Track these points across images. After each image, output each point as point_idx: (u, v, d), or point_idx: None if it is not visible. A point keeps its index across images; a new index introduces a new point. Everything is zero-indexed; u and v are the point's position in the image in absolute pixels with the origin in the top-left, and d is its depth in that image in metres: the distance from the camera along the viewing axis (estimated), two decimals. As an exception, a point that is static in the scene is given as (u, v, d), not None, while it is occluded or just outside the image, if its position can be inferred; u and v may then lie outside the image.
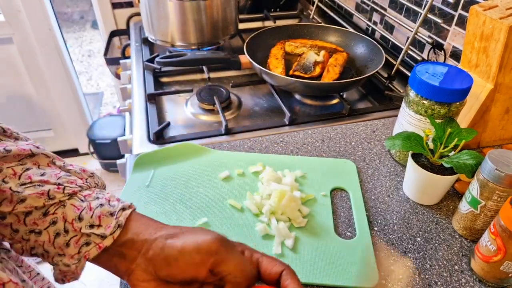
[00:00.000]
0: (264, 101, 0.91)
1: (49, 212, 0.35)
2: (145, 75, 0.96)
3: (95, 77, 3.09)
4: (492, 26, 0.59)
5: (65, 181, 0.37)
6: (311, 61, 0.89)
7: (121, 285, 0.48)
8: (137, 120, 0.80)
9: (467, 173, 0.51)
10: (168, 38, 1.02)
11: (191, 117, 0.85)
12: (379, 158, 0.69)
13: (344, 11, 1.26)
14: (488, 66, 0.62)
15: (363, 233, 0.54)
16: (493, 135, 0.70)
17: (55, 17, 1.77)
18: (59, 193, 0.35)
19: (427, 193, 0.58)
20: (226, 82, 0.99)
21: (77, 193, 0.37)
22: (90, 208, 0.36)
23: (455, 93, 0.57)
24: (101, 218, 0.35)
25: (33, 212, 0.34)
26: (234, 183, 0.61)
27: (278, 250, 0.51)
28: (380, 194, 0.61)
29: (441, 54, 0.86)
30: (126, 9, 1.65)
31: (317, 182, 0.62)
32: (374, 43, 0.93)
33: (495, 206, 0.49)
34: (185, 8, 0.95)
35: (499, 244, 0.45)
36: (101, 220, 0.35)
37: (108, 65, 1.58)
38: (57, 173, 0.37)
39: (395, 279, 0.49)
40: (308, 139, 0.72)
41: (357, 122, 0.78)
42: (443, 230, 0.56)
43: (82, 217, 0.35)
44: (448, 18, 0.83)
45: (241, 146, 0.70)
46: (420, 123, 0.61)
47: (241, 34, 1.13)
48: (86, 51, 3.40)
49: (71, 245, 0.34)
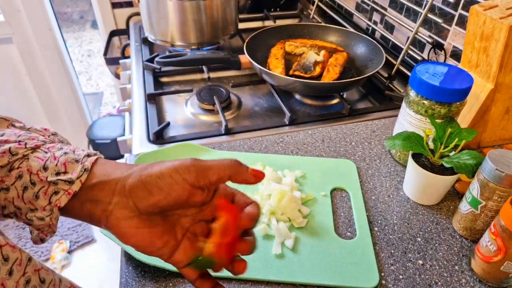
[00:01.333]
0: (264, 101, 0.91)
1: (13, 167, 0.34)
2: (145, 75, 0.96)
3: (95, 77, 3.09)
4: (492, 26, 0.59)
5: (26, 138, 0.36)
6: (311, 61, 0.89)
7: (121, 285, 0.48)
8: (137, 120, 0.80)
9: (467, 173, 0.51)
10: (168, 38, 1.01)
11: (191, 117, 0.85)
12: (379, 158, 0.69)
13: (344, 10, 1.26)
14: (489, 66, 0.62)
15: (363, 233, 0.54)
16: (493, 135, 0.70)
17: (55, 17, 1.77)
18: (22, 149, 0.35)
19: (427, 193, 0.58)
20: (226, 82, 0.99)
21: (40, 146, 0.36)
22: (54, 157, 0.35)
23: (455, 93, 0.57)
24: (67, 165, 0.34)
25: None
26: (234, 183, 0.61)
27: (278, 250, 0.51)
28: (380, 194, 0.61)
29: (441, 54, 0.86)
30: (126, 9, 1.65)
31: (317, 182, 0.62)
32: (374, 43, 0.92)
33: (496, 206, 0.49)
34: (185, 8, 0.95)
35: (499, 244, 0.45)
36: (66, 167, 0.34)
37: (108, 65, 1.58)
38: (16, 132, 0.37)
39: (395, 279, 0.49)
40: (308, 139, 0.72)
41: (357, 122, 0.78)
42: (443, 230, 0.56)
43: (47, 167, 0.34)
44: (448, 18, 0.83)
45: (241, 146, 0.70)
46: (420, 123, 0.61)
47: (241, 34, 1.13)
48: (86, 51, 3.40)
49: (40, 197, 0.34)
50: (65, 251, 1.64)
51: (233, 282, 0.48)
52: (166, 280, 0.48)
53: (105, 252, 1.68)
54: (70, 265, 1.63)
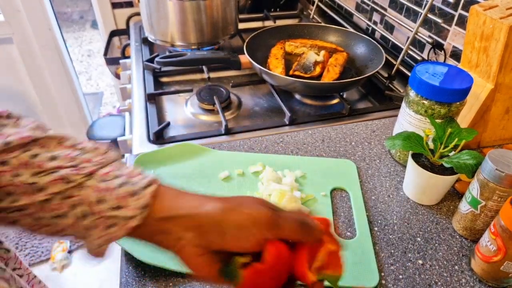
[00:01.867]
0: (264, 101, 0.91)
1: (69, 196, 0.32)
2: (145, 75, 0.96)
3: (95, 77, 3.09)
4: (492, 26, 0.59)
5: (79, 161, 0.34)
6: (311, 61, 0.89)
7: (121, 285, 0.48)
8: (137, 120, 0.80)
9: (467, 173, 0.51)
10: (168, 38, 1.01)
11: (191, 117, 0.85)
12: (379, 158, 0.69)
13: (344, 11, 1.26)
14: (488, 66, 0.62)
15: (363, 233, 0.54)
16: (493, 135, 0.70)
17: (55, 17, 1.77)
18: (77, 175, 0.33)
19: (427, 193, 0.58)
20: (226, 82, 0.99)
21: (95, 171, 0.34)
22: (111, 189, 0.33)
23: (455, 93, 0.57)
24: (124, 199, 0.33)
25: (53, 198, 0.32)
26: (234, 183, 0.61)
27: (278, 250, 0.51)
28: (380, 194, 0.61)
29: (441, 54, 0.86)
30: (126, 9, 1.65)
31: (317, 182, 0.62)
32: (374, 43, 0.93)
33: (495, 206, 0.49)
34: (185, 8, 0.95)
35: (499, 244, 0.45)
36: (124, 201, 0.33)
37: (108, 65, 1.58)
38: (68, 153, 0.34)
39: (395, 279, 0.49)
40: (308, 139, 0.72)
41: (357, 122, 0.78)
42: (443, 230, 0.56)
43: (104, 200, 0.33)
44: (448, 18, 0.83)
45: (241, 146, 0.70)
46: (420, 123, 0.61)
47: (241, 34, 1.13)
48: (86, 51, 3.40)
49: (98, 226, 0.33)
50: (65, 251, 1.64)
51: (233, 282, 0.48)
52: (166, 280, 0.48)
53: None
54: (70, 265, 1.63)
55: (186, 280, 0.48)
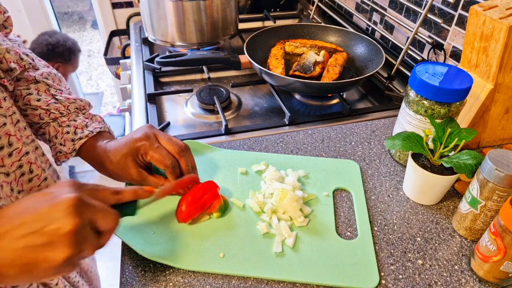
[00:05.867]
0: (264, 101, 0.91)
1: (40, 127, 0.56)
2: (145, 75, 0.96)
3: (95, 77, 3.09)
4: (492, 26, 0.59)
5: (52, 107, 0.55)
6: (311, 61, 0.89)
7: (121, 285, 0.48)
8: (137, 120, 0.80)
9: (467, 173, 0.51)
10: (168, 38, 1.02)
11: (191, 117, 0.85)
12: (379, 158, 0.69)
13: (344, 11, 1.26)
14: (488, 66, 0.62)
15: (364, 233, 0.54)
16: (493, 135, 0.70)
17: (55, 17, 1.78)
18: (47, 116, 0.55)
19: (427, 193, 0.58)
20: (226, 82, 0.99)
21: (58, 118, 0.56)
22: (62, 132, 0.55)
23: (455, 93, 0.57)
24: (66, 141, 0.55)
25: (33, 124, 0.55)
26: (237, 181, 0.62)
27: (278, 249, 0.51)
28: (380, 194, 0.61)
29: (441, 54, 0.86)
30: (126, 9, 1.65)
31: (320, 182, 0.62)
32: (374, 43, 0.93)
33: (495, 206, 0.49)
34: (185, 8, 0.95)
35: (499, 244, 0.45)
36: (65, 142, 0.55)
37: (108, 65, 1.58)
38: (48, 100, 0.55)
39: (395, 279, 0.49)
40: (308, 139, 0.72)
41: (357, 122, 0.78)
42: (443, 230, 0.56)
43: (57, 137, 0.55)
44: (448, 18, 0.83)
45: (241, 146, 0.70)
46: (420, 123, 0.61)
47: (241, 34, 1.13)
48: (86, 51, 3.40)
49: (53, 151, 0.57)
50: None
51: (234, 279, 0.48)
52: (166, 280, 0.48)
53: (105, 252, 1.69)
54: (70, 265, 1.63)
55: (186, 281, 0.48)
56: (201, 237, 0.52)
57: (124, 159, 0.52)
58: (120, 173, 0.53)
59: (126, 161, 0.52)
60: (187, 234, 0.52)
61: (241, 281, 0.48)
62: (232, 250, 0.51)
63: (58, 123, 0.55)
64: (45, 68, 0.58)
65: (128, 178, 0.54)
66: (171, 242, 0.51)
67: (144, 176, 0.53)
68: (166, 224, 0.54)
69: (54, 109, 0.55)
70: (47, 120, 0.55)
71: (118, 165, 0.52)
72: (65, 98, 0.57)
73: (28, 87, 0.54)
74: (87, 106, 0.60)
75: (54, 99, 0.55)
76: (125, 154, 0.52)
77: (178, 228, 0.53)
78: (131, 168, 0.52)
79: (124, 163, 0.52)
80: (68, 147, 0.55)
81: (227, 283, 0.48)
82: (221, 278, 0.48)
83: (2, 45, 0.47)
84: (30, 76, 0.54)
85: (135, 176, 0.53)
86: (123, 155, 0.52)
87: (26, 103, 0.54)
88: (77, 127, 0.56)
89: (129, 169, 0.52)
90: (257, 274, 0.48)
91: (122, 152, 0.52)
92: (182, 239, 0.52)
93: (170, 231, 0.53)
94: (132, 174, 0.53)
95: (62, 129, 0.55)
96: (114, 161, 0.52)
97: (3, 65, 0.47)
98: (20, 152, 0.47)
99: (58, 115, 0.55)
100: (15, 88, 0.53)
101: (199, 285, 0.47)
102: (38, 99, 0.54)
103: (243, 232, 0.53)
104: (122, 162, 0.52)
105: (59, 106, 0.55)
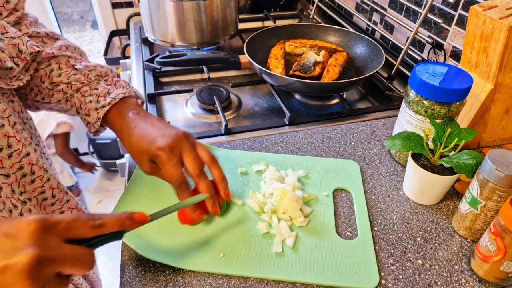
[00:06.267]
0: (264, 101, 0.91)
1: (67, 100, 0.56)
2: (145, 75, 0.96)
3: (95, 77, 3.09)
4: (492, 26, 0.59)
5: (72, 79, 0.55)
6: (311, 61, 0.89)
7: (121, 285, 0.48)
8: (137, 120, 0.80)
9: (467, 173, 0.51)
10: (168, 38, 1.02)
11: (191, 117, 0.85)
12: (379, 158, 0.69)
13: (344, 11, 1.26)
14: (488, 66, 0.62)
15: (364, 233, 0.54)
16: (493, 135, 0.70)
17: (55, 17, 1.78)
18: (69, 90, 0.56)
19: (427, 193, 0.58)
20: (226, 82, 0.99)
21: (80, 89, 0.56)
22: (85, 102, 0.56)
23: (455, 93, 0.57)
24: (89, 110, 0.55)
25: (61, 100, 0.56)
26: (237, 181, 0.62)
27: (278, 249, 0.51)
28: (380, 194, 0.61)
29: (441, 54, 0.86)
30: (126, 9, 1.65)
31: (320, 182, 0.62)
32: (374, 43, 0.93)
33: (495, 206, 0.49)
34: (185, 8, 0.95)
35: (499, 244, 0.45)
36: (89, 112, 0.55)
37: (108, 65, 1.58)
38: (68, 72, 0.55)
39: (394, 279, 0.49)
40: (308, 139, 0.72)
41: (357, 122, 0.78)
42: (443, 230, 0.56)
43: (81, 107, 0.56)
44: (448, 18, 0.83)
45: (241, 146, 0.70)
46: (420, 123, 0.61)
47: (241, 34, 1.13)
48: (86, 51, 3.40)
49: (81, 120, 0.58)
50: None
51: (234, 279, 0.48)
52: (166, 280, 0.48)
53: (105, 252, 1.69)
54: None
55: (186, 281, 0.48)
56: (201, 237, 0.52)
57: (141, 154, 0.52)
58: (134, 159, 0.53)
59: (143, 156, 0.52)
60: (187, 234, 0.53)
61: (241, 281, 0.48)
62: (232, 250, 0.51)
63: (81, 93, 0.56)
64: (64, 41, 0.58)
65: (139, 166, 0.53)
66: (171, 242, 0.51)
67: (157, 170, 0.52)
68: (166, 224, 0.54)
69: (75, 81, 0.55)
70: (70, 92, 0.55)
71: (134, 154, 0.53)
72: (84, 66, 0.56)
73: (49, 63, 0.55)
74: (110, 72, 0.59)
75: (74, 69, 0.56)
76: (143, 151, 0.51)
77: (178, 228, 0.53)
78: (145, 163, 0.52)
79: (141, 157, 0.52)
80: (93, 117, 0.55)
81: (227, 283, 0.48)
82: (221, 278, 0.48)
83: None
84: (48, 54, 0.54)
85: (147, 170, 0.53)
86: (140, 150, 0.52)
87: (52, 81, 0.54)
88: (99, 95, 0.55)
89: (142, 163, 0.52)
90: (257, 274, 0.48)
91: (141, 147, 0.51)
92: (182, 239, 0.52)
93: (170, 231, 0.53)
94: (144, 167, 0.53)
95: (85, 99, 0.55)
96: (132, 149, 0.53)
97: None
98: (20, 153, 0.47)
99: (79, 85, 0.55)
100: (39, 67, 0.54)
101: (199, 285, 0.47)
102: (59, 74, 0.55)
103: (243, 232, 0.53)
104: (139, 155, 0.52)
105: (79, 77, 0.55)
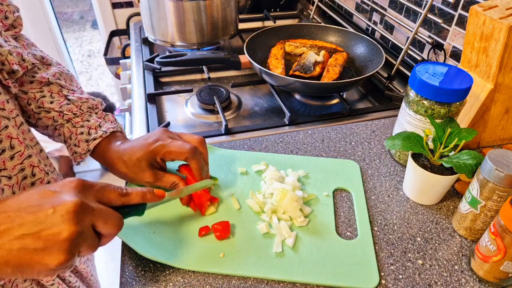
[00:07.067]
0: (264, 101, 0.91)
1: (55, 128, 0.57)
2: (145, 75, 0.96)
3: (95, 77, 3.09)
4: (492, 26, 0.59)
5: (65, 109, 0.56)
6: (311, 61, 0.89)
7: (121, 285, 0.48)
8: (137, 120, 0.80)
9: (467, 173, 0.51)
10: (168, 38, 1.02)
11: (191, 117, 0.85)
12: (379, 158, 0.69)
13: (344, 11, 1.26)
14: (488, 66, 0.62)
15: (364, 233, 0.54)
16: (493, 135, 0.70)
17: (55, 17, 1.78)
18: (60, 118, 0.56)
19: (427, 193, 0.58)
20: (226, 82, 0.99)
21: (71, 119, 0.57)
22: (75, 133, 0.56)
23: (455, 93, 0.57)
24: (79, 142, 0.56)
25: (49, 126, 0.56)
26: (237, 181, 0.62)
27: (278, 249, 0.51)
28: (380, 194, 0.61)
29: (441, 54, 0.86)
30: (126, 9, 1.65)
31: (320, 182, 0.62)
32: (374, 43, 0.93)
33: (495, 206, 0.49)
34: (185, 8, 0.95)
35: (499, 244, 0.45)
36: (79, 143, 0.56)
37: (108, 65, 1.58)
38: (60, 101, 0.56)
39: (394, 279, 0.49)
40: (308, 139, 0.72)
41: (357, 122, 0.78)
42: (443, 230, 0.56)
43: (71, 138, 0.56)
44: (448, 18, 0.83)
45: (241, 146, 0.70)
46: (420, 123, 0.61)
47: (241, 34, 1.13)
48: (86, 51, 3.40)
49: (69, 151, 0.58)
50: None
51: (234, 279, 0.48)
52: (166, 280, 0.48)
53: (105, 252, 1.69)
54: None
55: (186, 281, 0.48)
56: (201, 237, 0.52)
57: (138, 163, 0.53)
58: (134, 177, 0.54)
59: (141, 164, 0.53)
60: (187, 234, 0.53)
61: (241, 281, 0.48)
62: (232, 250, 0.51)
63: (72, 124, 0.56)
64: (57, 67, 0.59)
65: (141, 181, 0.54)
66: (171, 242, 0.51)
67: (159, 176, 0.54)
68: (166, 224, 0.54)
69: (67, 111, 0.56)
70: (61, 121, 0.56)
71: (132, 169, 0.53)
72: (77, 97, 0.57)
73: (41, 90, 0.55)
74: (100, 105, 0.61)
75: (66, 100, 0.56)
76: (140, 158, 0.52)
77: (178, 228, 0.53)
78: (146, 172, 0.53)
79: (139, 167, 0.53)
80: (83, 148, 0.56)
81: (227, 283, 0.48)
82: (221, 278, 0.48)
83: (4, 47, 0.47)
84: (43, 78, 0.55)
85: (150, 179, 0.53)
86: (137, 159, 0.53)
87: (39, 106, 0.54)
88: (90, 128, 0.56)
89: (143, 173, 0.53)
90: (257, 274, 0.48)
91: (137, 155, 0.53)
92: (182, 239, 0.52)
93: (170, 231, 0.53)
94: (146, 177, 0.53)
95: (76, 130, 0.56)
96: (129, 164, 0.53)
97: (5, 66, 0.47)
98: (22, 155, 0.47)
99: (71, 116, 0.56)
100: (29, 90, 0.54)
101: (199, 285, 0.47)
102: (51, 102, 0.55)
103: (243, 232, 0.53)
104: (137, 166, 0.53)
105: (71, 107, 0.56)
